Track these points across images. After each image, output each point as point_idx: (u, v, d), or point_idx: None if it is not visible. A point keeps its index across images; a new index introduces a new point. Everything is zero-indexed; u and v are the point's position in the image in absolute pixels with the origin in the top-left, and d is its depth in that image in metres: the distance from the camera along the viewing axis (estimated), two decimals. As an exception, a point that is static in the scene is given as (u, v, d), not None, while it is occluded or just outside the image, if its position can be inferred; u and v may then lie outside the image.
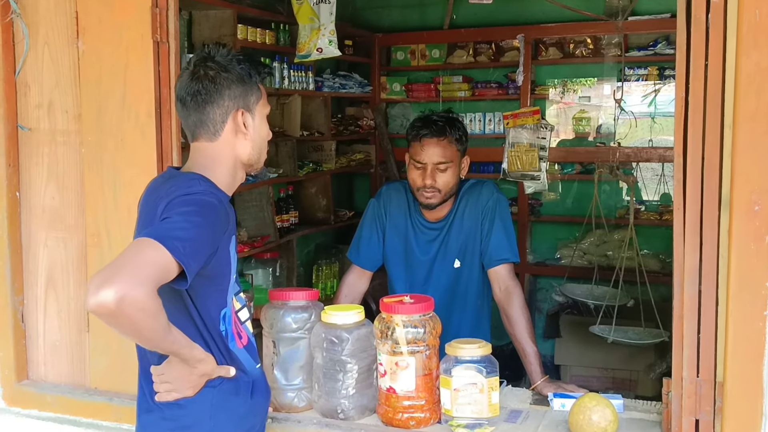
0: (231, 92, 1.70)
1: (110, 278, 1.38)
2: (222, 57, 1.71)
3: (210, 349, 1.66)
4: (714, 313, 1.77)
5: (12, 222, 2.45)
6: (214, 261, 1.61)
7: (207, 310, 1.66)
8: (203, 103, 1.70)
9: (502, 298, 2.48)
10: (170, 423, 1.67)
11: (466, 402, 1.94)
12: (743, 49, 1.70)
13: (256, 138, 1.76)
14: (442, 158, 2.47)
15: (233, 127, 1.72)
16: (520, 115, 4.93)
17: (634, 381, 4.43)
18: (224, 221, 1.63)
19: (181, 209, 1.54)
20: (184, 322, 1.62)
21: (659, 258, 4.75)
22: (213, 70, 1.70)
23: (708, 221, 1.76)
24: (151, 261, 1.43)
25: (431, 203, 2.51)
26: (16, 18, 2.41)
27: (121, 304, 1.37)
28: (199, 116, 1.71)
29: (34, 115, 2.44)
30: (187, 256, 1.47)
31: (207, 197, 1.59)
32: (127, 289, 1.37)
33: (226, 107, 1.70)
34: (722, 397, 1.77)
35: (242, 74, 1.72)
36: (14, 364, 2.48)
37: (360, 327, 2.04)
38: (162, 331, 1.48)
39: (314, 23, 3.79)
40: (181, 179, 1.66)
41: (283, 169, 4.23)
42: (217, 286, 1.67)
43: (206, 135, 1.72)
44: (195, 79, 1.70)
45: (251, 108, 1.74)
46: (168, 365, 1.63)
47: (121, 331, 1.47)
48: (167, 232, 1.47)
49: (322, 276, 4.74)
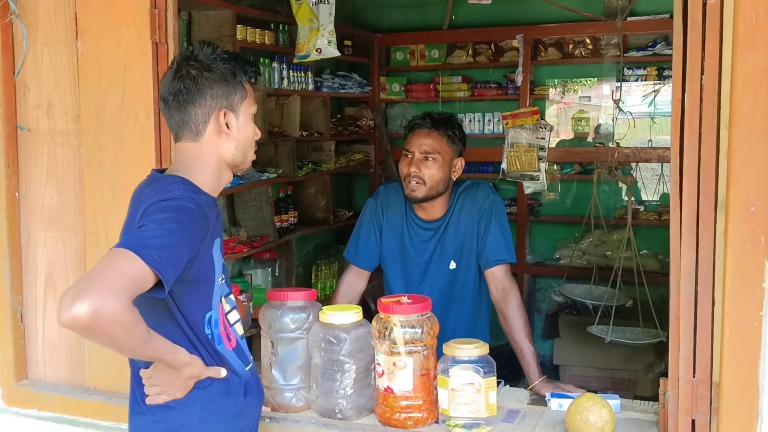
0: (213, 92, 1.67)
1: (83, 292, 1.35)
2: (205, 56, 1.68)
3: (198, 352, 1.65)
4: (710, 313, 1.78)
5: (11, 222, 2.46)
6: (195, 266, 1.58)
7: (191, 314, 1.65)
8: (185, 102, 1.67)
9: (499, 299, 2.48)
10: (161, 425, 1.67)
11: (464, 402, 1.95)
12: (740, 50, 1.70)
13: (241, 138, 1.72)
14: (429, 148, 2.49)
15: (216, 127, 1.69)
16: (520, 115, 4.93)
17: (633, 381, 4.43)
18: (203, 226, 1.59)
19: (156, 216, 1.51)
20: (168, 326, 1.61)
21: (658, 258, 4.75)
22: (195, 69, 1.67)
23: (704, 222, 1.77)
24: (125, 272, 1.39)
25: (415, 195, 2.51)
26: (15, 18, 2.42)
27: (95, 318, 1.34)
28: (181, 116, 1.68)
29: (33, 115, 2.44)
30: (163, 264, 1.43)
31: (185, 203, 1.56)
32: (101, 302, 1.34)
33: (209, 107, 1.67)
34: (718, 397, 1.77)
35: (225, 73, 1.68)
36: (13, 364, 2.48)
37: (358, 327, 2.04)
38: (141, 341, 1.46)
39: (313, 23, 3.79)
40: (161, 183, 1.64)
41: (282, 169, 4.23)
42: (200, 290, 1.65)
43: (189, 135, 1.69)
44: (177, 78, 1.67)
45: (235, 108, 1.70)
46: (155, 369, 1.63)
47: (98, 344, 1.45)
48: (142, 241, 1.44)
49: (322, 276, 4.74)
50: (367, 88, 5.39)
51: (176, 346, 1.59)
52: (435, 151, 2.49)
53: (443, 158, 2.50)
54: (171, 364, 1.59)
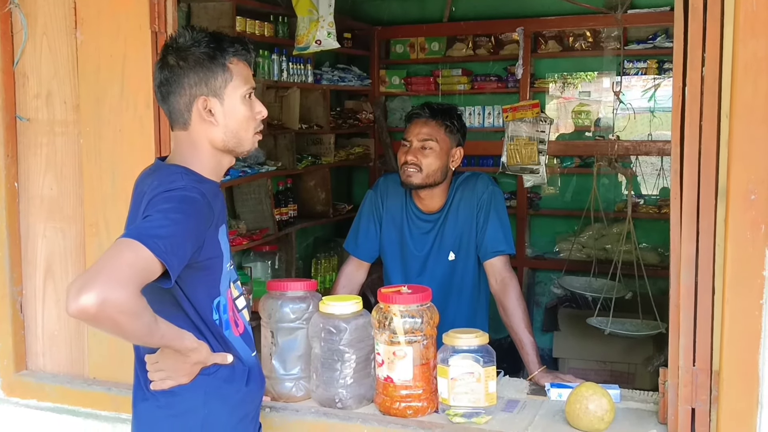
0: (190, 80, 1.63)
1: (90, 282, 1.35)
2: (183, 42, 1.64)
3: (204, 338, 1.66)
4: (710, 302, 1.78)
5: (10, 212, 2.46)
6: (202, 253, 1.59)
7: (199, 300, 1.65)
8: (167, 93, 1.66)
9: (498, 290, 2.48)
10: (164, 411, 1.67)
11: (463, 391, 1.95)
12: (740, 38, 1.70)
13: (229, 123, 1.67)
14: (427, 136, 2.50)
15: (199, 115, 1.65)
16: (520, 108, 4.92)
17: (632, 374, 4.44)
18: (207, 215, 1.59)
19: (161, 206, 1.51)
20: (174, 313, 1.62)
21: (657, 251, 4.75)
22: (173, 58, 1.63)
23: (705, 211, 1.77)
24: (132, 262, 1.40)
25: (411, 181, 2.51)
26: (14, 8, 2.41)
27: (102, 308, 1.35)
28: (167, 107, 1.68)
29: (33, 105, 2.44)
30: (168, 254, 1.43)
31: (188, 192, 1.56)
32: (108, 292, 1.35)
33: (188, 96, 1.64)
34: (718, 386, 1.78)
35: (202, 59, 1.62)
36: (13, 355, 2.48)
37: (358, 317, 2.04)
38: (147, 329, 1.46)
39: (313, 15, 3.78)
40: (163, 173, 1.63)
41: (281, 162, 4.23)
42: (208, 276, 1.66)
43: (178, 124, 1.68)
44: (159, 69, 1.66)
45: (218, 92, 1.65)
46: (162, 354, 1.63)
47: (106, 332, 1.46)
48: (147, 231, 1.45)
49: (321, 269, 4.74)
50: (366, 81, 5.38)
51: (183, 332, 1.59)
52: (432, 139, 2.50)
53: (441, 147, 2.51)
54: (178, 350, 1.59)
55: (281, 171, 4.22)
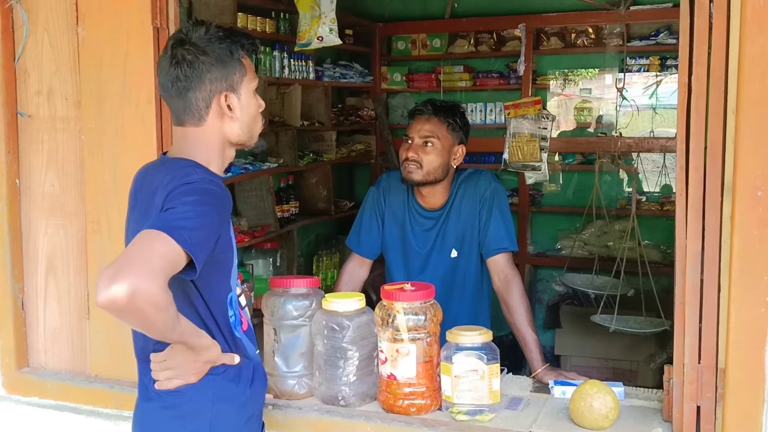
0: (212, 75, 1.63)
1: (120, 272, 1.34)
2: (199, 38, 1.63)
3: (214, 337, 1.65)
4: (716, 299, 1.77)
5: (12, 209, 2.45)
6: (218, 247, 1.59)
7: (213, 297, 1.64)
8: (184, 89, 1.64)
9: (501, 287, 2.48)
10: (170, 411, 1.64)
11: (467, 389, 1.94)
12: (747, 33, 1.68)
13: (245, 117, 1.69)
14: (428, 133, 2.49)
15: (218, 110, 1.66)
16: (522, 105, 4.89)
17: (635, 372, 4.43)
18: (226, 207, 1.60)
19: (184, 198, 1.51)
20: (185, 309, 1.59)
21: (660, 249, 4.74)
22: (191, 53, 1.63)
23: (710, 207, 1.76)
24: (161, 253, 1.39)
25: (412, 177, 2.51)
26: (15, 4, 2.40)
27: (133, 299, 1.34)
28: (182, 102, 1.66)
29: (34, 101, 2.43)
30: (194, 245, 1.44)
31: (208, 185, 1.56)
32: (139, 283, 1.34)
33: (209, 92, 1.64)
34: (724, 383, 1.76)
35: (222, 54, 1.63)
36: (14, 352, 2.47)
37: (361, 314, 2.03)
38: (171, 323, 1.46)
39: (315, 11, 3.76)
40: (174, 166, 1.62)
41: (283, 159, 4.22)
42: (223, 271, 1.66)
43: (192, 120, 1.67)
44: (174, 65, 1.64)
45: (236, 88, 1.67)
46: (171, 351, 1.60)
47: (130, 324, 1.45)
48: (173, 222, 1.44)
49: (323, 266, 4.73)
50: (368, 78, 5.37)
51: (199, 330, 1.59)
52: (434, 136, 2.49)
53: (442, 145, 2.50)
54: (193, 347, 1.58)
55: (283, 168, 4.21)
